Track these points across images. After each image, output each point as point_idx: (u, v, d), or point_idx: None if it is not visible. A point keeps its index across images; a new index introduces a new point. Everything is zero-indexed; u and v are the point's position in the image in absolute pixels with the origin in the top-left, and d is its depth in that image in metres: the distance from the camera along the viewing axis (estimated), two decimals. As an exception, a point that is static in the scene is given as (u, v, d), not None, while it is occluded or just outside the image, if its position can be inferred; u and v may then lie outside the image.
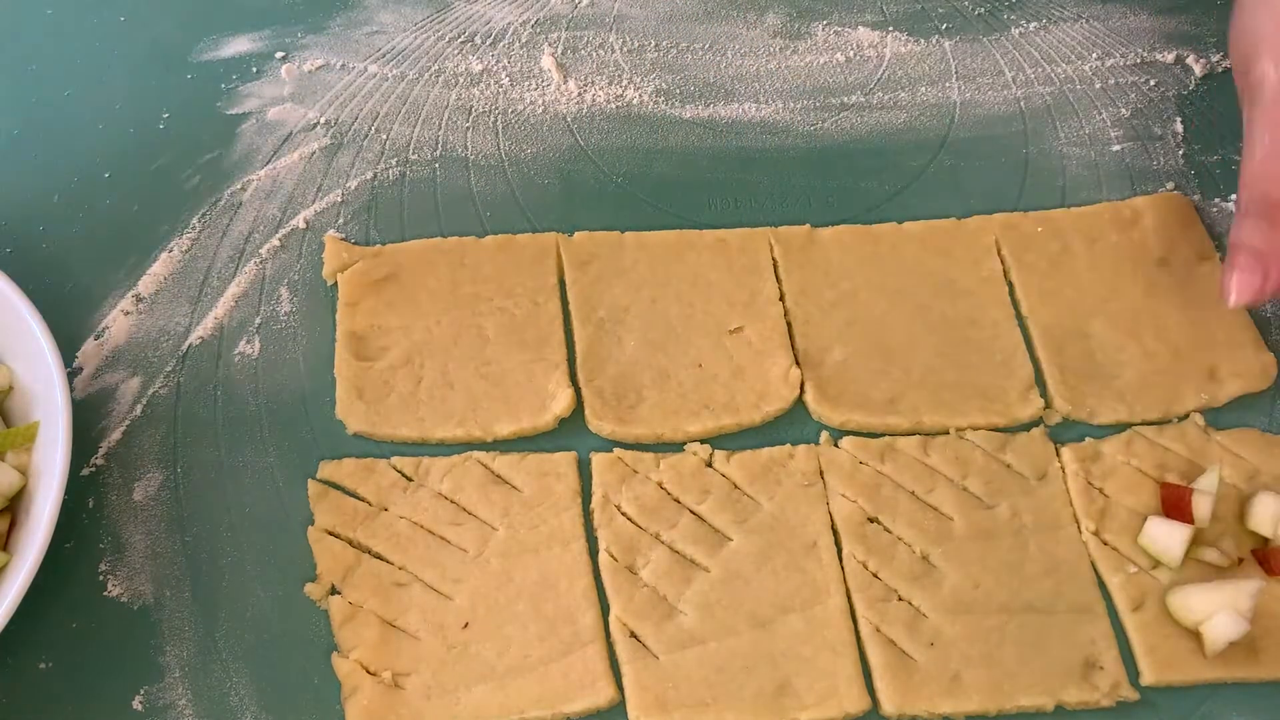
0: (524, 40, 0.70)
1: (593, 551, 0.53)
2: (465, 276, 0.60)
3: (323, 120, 0.66)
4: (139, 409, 0.57)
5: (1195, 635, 0.51)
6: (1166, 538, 0.52)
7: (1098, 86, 0.68)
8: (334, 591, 0.52)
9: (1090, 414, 0.57)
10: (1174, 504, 0.53)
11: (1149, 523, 0.53)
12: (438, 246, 0.61)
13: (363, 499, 0.54)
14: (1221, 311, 0.59)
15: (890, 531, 0.54)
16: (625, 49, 0.70)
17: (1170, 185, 0.64)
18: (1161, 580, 0.53)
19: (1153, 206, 0.63)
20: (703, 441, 0.56)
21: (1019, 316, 0.60)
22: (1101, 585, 0.53)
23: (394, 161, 0.65)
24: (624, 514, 0.54)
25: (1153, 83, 0.68)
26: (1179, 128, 0.66)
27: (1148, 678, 0.51)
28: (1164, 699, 0.51)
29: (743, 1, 0.72)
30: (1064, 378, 0.57)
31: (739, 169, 0.65)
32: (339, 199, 0.64)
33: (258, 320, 0.60)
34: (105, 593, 0.52)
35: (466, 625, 0.51)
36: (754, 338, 0.58)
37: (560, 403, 0.56)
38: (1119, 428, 0.57)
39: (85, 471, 0.55)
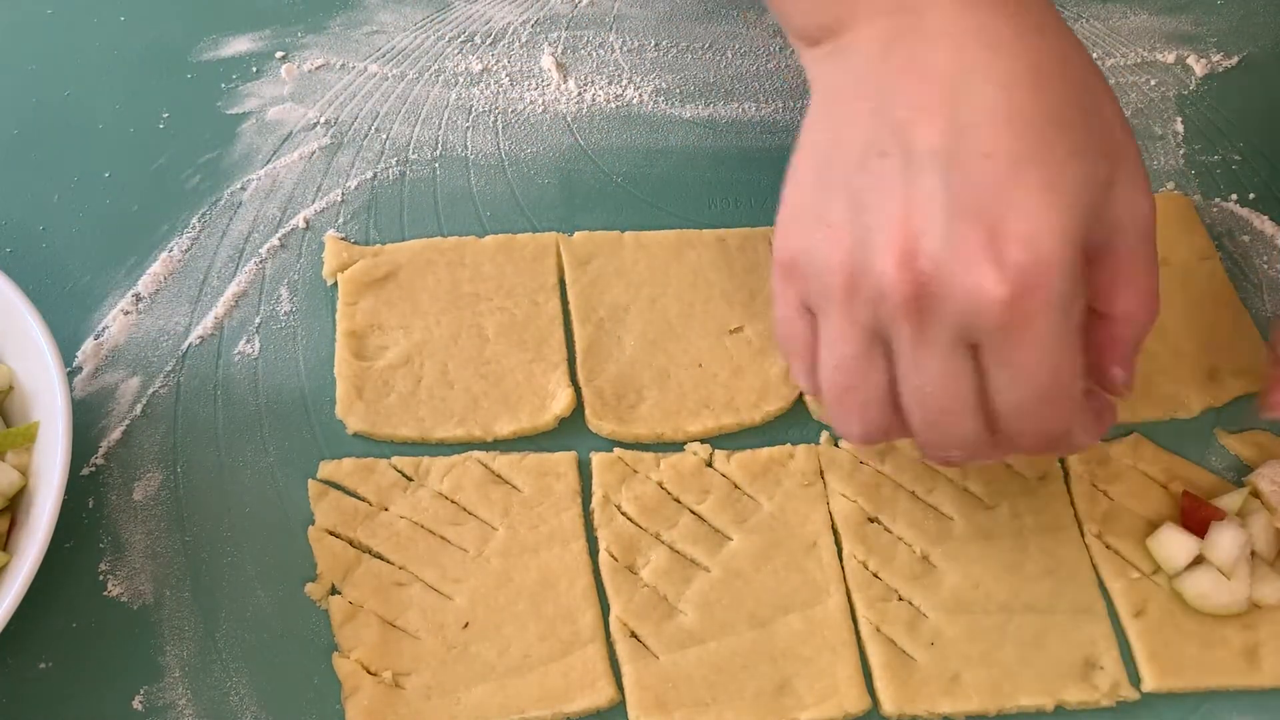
0: (524, 40, 0.70)
1: (593, 551, 0.53)
2: (465, 276, 0.60)
3: (323, 120, 0.66)
4: (139, 409, 0.57)
5: (1198, 641, 0.51)
6: (1175, 547, 0.52)
7: (1098, 86, 0.68)
8: (334, 591, 0.52)
9: (1090, 414, 0.57)
10: (1193, 517, 0.53)
11: (1164, 529, 0.53)
12: (437, 246, 0.61)
13: (363, 499, 0.55)
14: (1222, 312, 0.60)
15: (890, 531, 0.54)
16: (625, 49, 0.70)
17: (1170, 185, 0.64)
18: (1163, 586, 0.53)
19: (1153, 206, 0.63)
20: (703, 441, 0.56)
21: (1019, 316, 0.60)
22: (1101, 586, 0.53)
23: (394, 161, 0.65)
24: (624, 514, 0.54)
25: (1153, 83, 0.68)
26: (1179, 128, 0.66)
27: (1149, 684, 0.51)
28: (1164, 698, 0.51)
29: (743, 1, 0.72)
30: (1064, 377, 0.57)
31: (739, 169, 0.65)
32: (339, 198, 0.64)
33: (258, 320, 0.60)
34: (105, 593, 0.52)
35: (466, 625, 0.51)
36: (754, 337, 0.58)
37: (560, 402, 0.56)
38: (1119, 428, 0.57)
39: (85, 471, 0.55)
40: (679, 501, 0.54)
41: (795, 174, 0.49)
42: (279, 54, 0.69)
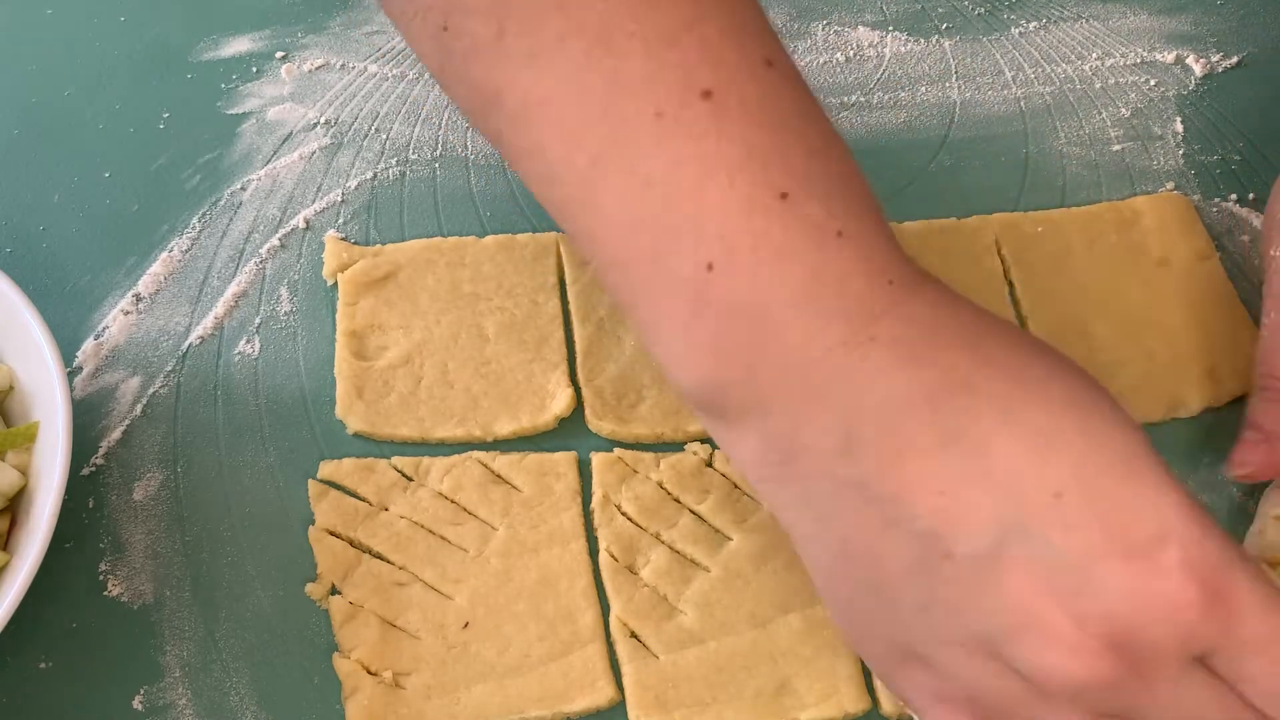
0: (524, 40, 0.70)
1: (593, 551, 0.53)
2: (465, 276, 0.60)
3: (323, 120, 0.66)
4: (139, 409, 0.57)
5: None
6: None
7: (1098, 86, 0.68)
8: (334, 591, 0.52)
9: (1090, 414, 0.57)
10: None
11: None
12: (437, 246, 0.61)
13: (363, 499, 0.55)
14: (1221, 311, 0.60)
15: (890, 531, 0.54)
16: (625, 49, 0.70)
17: (1170, 185, 0.64)
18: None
19: (1153, 206, 0.63)
20: (703, 441, 0.56)
21: (1019, 316, 0.60)
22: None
23: (394, 161, 0.65)
24: (624, 514, 0.54)
25: (1153, 83, 0.68)
26: (1179, 128, 0.66)
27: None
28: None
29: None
30: (1064, 377, 0.57)
31: (739, 169, 0.65)
32: (339, 199, 0.64)
33: (258, 320, 0.60)
34: (105, 593, 0.53)
35: (467, 625, 0.51)
36: (754, 337, 0.58)
37: (560, 402, 0.56)
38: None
39: (85, 471, 0.55)
40: (679, 501, 0.54)
41: (831, 599, 0.43)
42: (279, 54, 0.69)
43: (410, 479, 0.55)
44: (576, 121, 0.40)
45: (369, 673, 0.50)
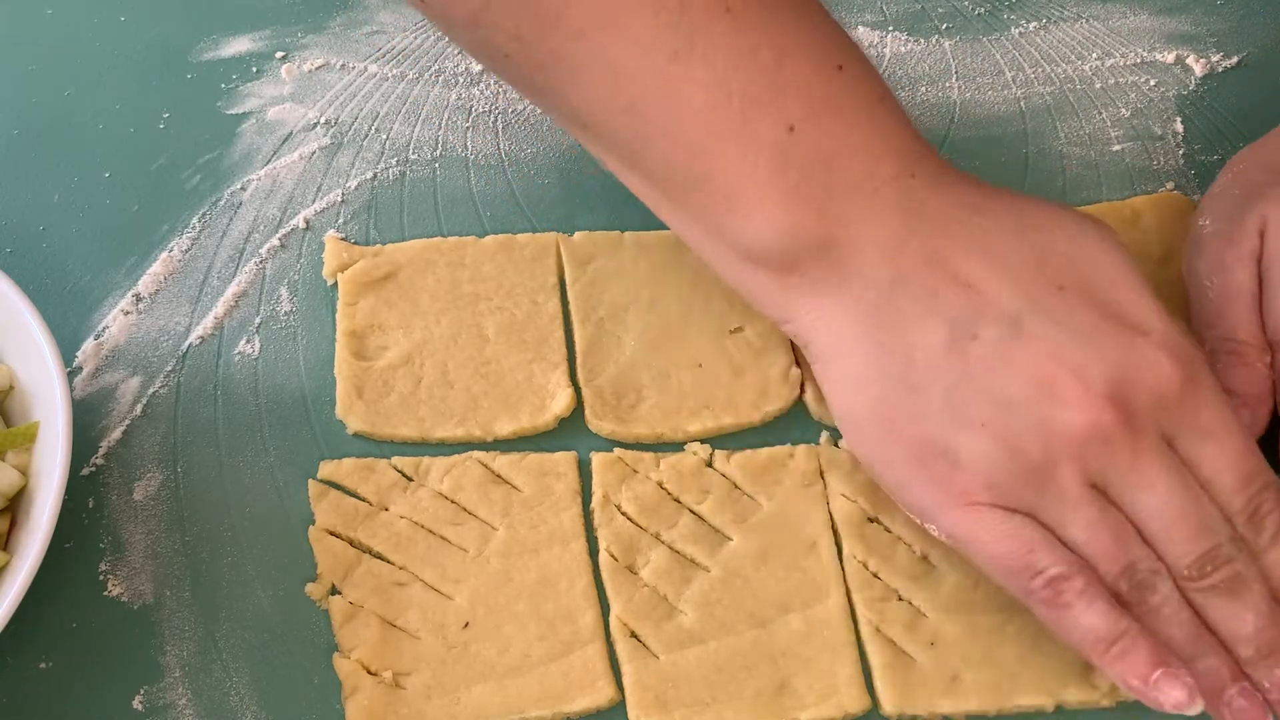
0: (524, 40, 0.70)
1: (593, 551, 0.53)
2: (465, 276, 0.60)
3: (323, 120, 0.66)
4: (139, 409, 0.57)
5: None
6: None
7: (1098, 86, 0.68)
8: (334, 591, 0.52)
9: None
10: None
11: None
12: (437, 246, 0.61)
13: (363, 499, 0.55)
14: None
15: (890, 531, 0.54)
16: (625, 49, 0.70)
17: (1170, 185, 0.64)
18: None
19: (1153, 206, 0.63)
20: (703, 441, 0.56)
21: (1019, 316, 0.60)
22: (1101, 585, 0.53)
23: (394, 161, 0.65)
24: (624, 513, 0.54)
25: (1153, 83, 0.68)
26: (1179, 128, 0.66)
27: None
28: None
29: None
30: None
31: (739, 169, 0.65)
32: (339, 199, 0.64)
33: (258, 320, 0.60)
34: (105, 593, 0.53)
35: (467, 625, 0.51)
36: (754, 338, 0.58)
37: (560, 402, 0.56)
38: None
39: (85, 471, 0.55)
40: (679, 501, 0.54)
41: (859, 408, 0.50)
42: (279, 54, 0.69)
43: (410, 479, 0.55)
44: (652, 26, 0.47)
45: (369, 673, 0.50)
